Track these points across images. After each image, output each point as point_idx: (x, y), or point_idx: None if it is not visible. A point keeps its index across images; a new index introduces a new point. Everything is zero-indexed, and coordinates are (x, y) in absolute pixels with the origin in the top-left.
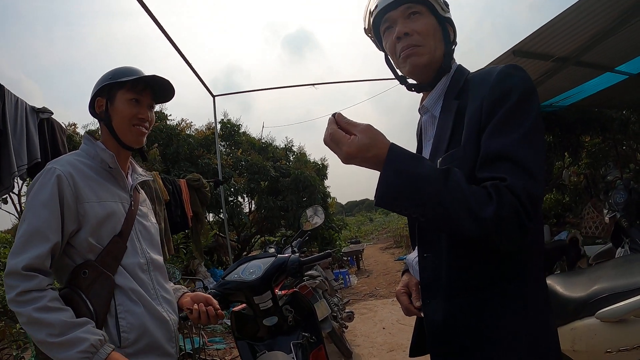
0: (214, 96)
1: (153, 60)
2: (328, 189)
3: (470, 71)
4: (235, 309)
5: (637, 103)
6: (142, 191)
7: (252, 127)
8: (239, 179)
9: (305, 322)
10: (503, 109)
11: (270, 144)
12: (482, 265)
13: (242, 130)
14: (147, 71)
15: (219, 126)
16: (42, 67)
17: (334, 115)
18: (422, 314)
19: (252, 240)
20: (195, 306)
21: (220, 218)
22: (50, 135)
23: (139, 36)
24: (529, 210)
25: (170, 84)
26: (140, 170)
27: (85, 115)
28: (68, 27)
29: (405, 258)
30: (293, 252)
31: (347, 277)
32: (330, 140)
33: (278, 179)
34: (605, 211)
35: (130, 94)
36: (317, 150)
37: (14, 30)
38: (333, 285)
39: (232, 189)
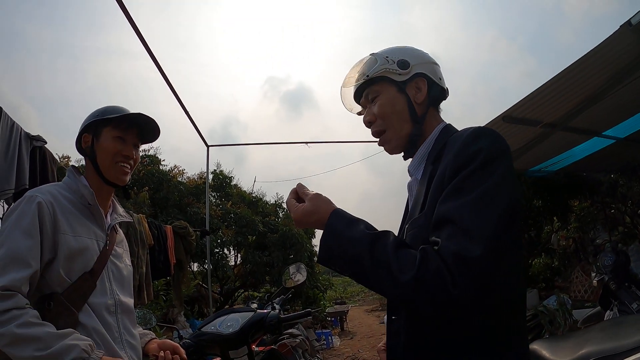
0: (208, 146)
1: (150, 103)
2: (315, 248)
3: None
4: None
5: (625, 166)
6: (120, 232)
7: (245, 179)
8: (226, 231)
9: None
10: (460, 175)
11: (261, 199)
12: (441, 332)
13: (233, 182)
14: (143, 113)
15: (210, 176)
16: (43, 96)
17: (296, 185)
18: None
19: (236, 294)
20: (162, 354)
21: (205, 268)
22: (41, 164)
23: (137, 78)
24: (456, 274)
25: (156, 123)
26: (121, 210)
27: None
28: (72, 60)
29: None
30: (273, 308)
31: (329, 337)
32: (287, 207)
33: (266, 234)
34: (593, 274)
35: (115, 132)
36: None
37: (18, 56)
38: (314, 345)
39: (218, 240)
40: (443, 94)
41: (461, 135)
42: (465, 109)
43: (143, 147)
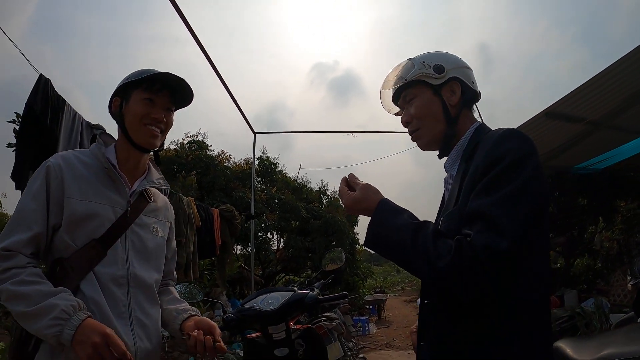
0: (254, 133)
1: (198, 88)
2: (357, 236)
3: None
4: (250, 336)
5: None
6: (158, 199)
7: (290, 165)
8: (270, 215)
9: (315, 358)
10: (491, 174)
11: (305, 186)
12: (469, 318)
13: (278, 168)
14: (172, 73)
15: (256, 162)
16: (93, 82)
17: (348, 175)
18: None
19: (277, 278)
20: (194, 332)
21: (248, 251)
22: None
23: (186, 64)
24: (486, 264)
25: (188, 85)
26: (156, 177)
27: None
28: (121, 48)
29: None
30: (312, 290)
31: (366, 324)
32: (338, 194)
33: (309, 220)
34: (629, 278)
35: (145, 94)
36: None
37: (68, 43)
38: (350, 330)
39: (262, 225)
40: (476, 96)
41: (492, 136)
42: (515, 101)
43: (191, 132)
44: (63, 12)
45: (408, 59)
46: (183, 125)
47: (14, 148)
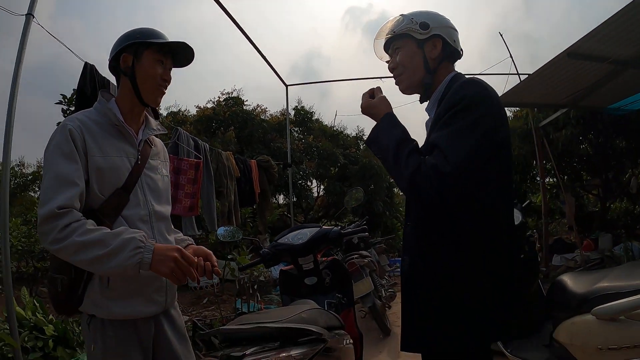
0: (286, 85)
1: (229, 44)
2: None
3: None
4: (284, 268)
5: None
6: (156, 144)
7: (328, 112)
8: (309, 163)
9: (341, 287)
10: (448, 113)
11: (342, 132)
12: (435, 238)
13: (315, 117)
14: (184, 42)
15: (292, 112)
16: None
17: (376, 87)
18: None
19: (319, 224)
20: (195, 259)
21: (289, 199)
22: None
23: (215, 21)
24: (434, 181)
25: (192, 51)
26: (154, 124)
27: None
28: (148, 13)
29: None
30: (336, 226)
31: None
32: (361, 98)
33: (347, 166)
34: None
35: (157, 55)
36: None
37: (94, 15)
38: (386, 269)
39: (301, 173)
40: (457, 54)
41: (457, 84)
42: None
43: (226, 89)
44: None
45: (400, 15)
46: (219, 83)
47: None
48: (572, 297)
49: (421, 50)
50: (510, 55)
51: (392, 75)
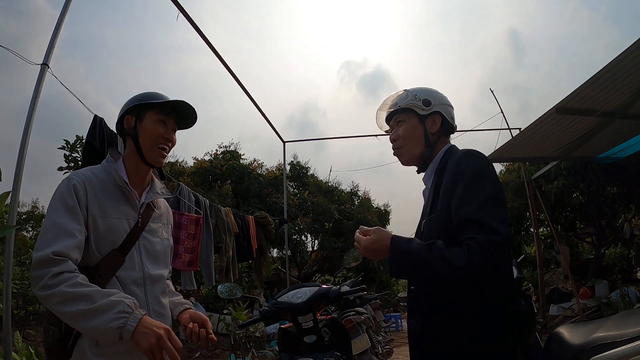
0: (284, 142)
1: (228, 93)
2: None
3: (460, 148)
4: (283, 326)
5: None
6: (160, 207)
7: (323, 167)
8: (304, 218)
9: (339, 344)
10: (459, 187)
11: (336, 188)
12: (446, 295)
13: (310, 172)
14: (184, 100)
15: (288, 168)
16: (126, 94)
17: (359, 228)
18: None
19: (313, 278)
20: (190, 325)
21: (284, 254)
22: None
23: (216, 71)
24: (495, 253)
25: (194, 110)
26: (159, 188)
27: None
28: (152, 59)
29: None
30: (335, 284)
31: (399, 320)
32: (356, 244)
33: (341, 221)
34: (638, 268)
35: (158, 116)
36: (381, 195)
37: (100, 58)
38: (381, 325)
39: (296, 228)
40: (453, 129)
41: (456, 155)
42: (549, 85)
43: (224, 143)
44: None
45: (404, 90)
46: (217, 132)
47: (65, 171)
48: (569, 348)
49: (422, 125)
50: (501, 110)
51: (391, 144)
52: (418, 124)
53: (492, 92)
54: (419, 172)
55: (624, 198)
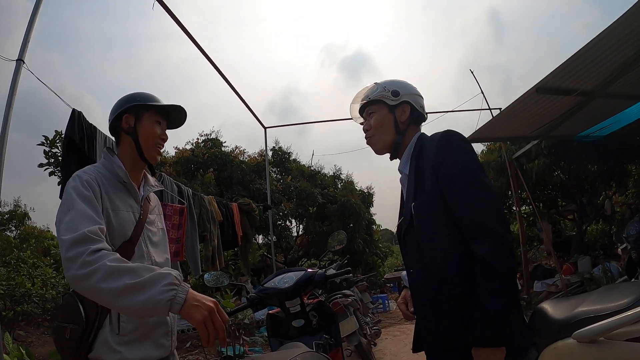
0: (265, 128)
1: (208, 81)
2: (374, 217)
3: (428, 134)
4: (271, 312)
5: None
6: (152, 199)
7: (306, 149)
8: (287, 204)
9: (328, 327)
10: (453, 176)
11: (319, 172)
12: (443, 274)
13: (292, 157)
14: (180, 105)
15: (270, 153)
16: (102, 86)
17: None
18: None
19: (299, 263)
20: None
21: (269, 240)
22: None
23: (194, 58)
24: (507, 253)
25: (186, 113)
26: (152, 181)
27: None
28: (126, 49)
29: (402, 275)
30: (321, 268)
31: (386, 301)
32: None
33: (325, 205)
34: (618, 244)
35: (156, 117)
36: (364, 178)
37: (73, 50)
38: (369, 307)
39: (280, 213)
40: (422, 117)
41: (432, 140)
42: (529, 65)
43: (205, 131)
44: (66, 20)
45: (374, 83)
46: (200, 122)
47: (45, 168)
48: (553, 323)
49: (392, 114)
50: (482, 91)
51: (364, 134)
52: (388, 114)
53: (472, 72)
54: (391, 159)
55: (604, 175)
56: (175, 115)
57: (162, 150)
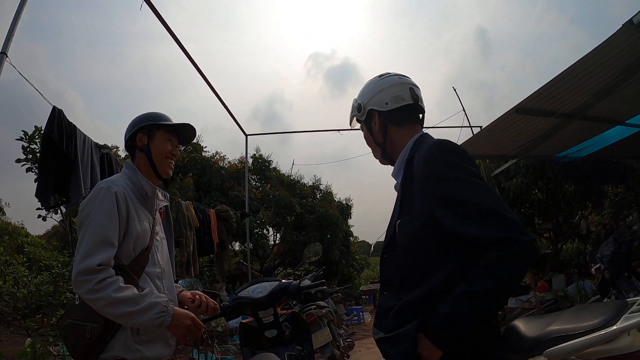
0: (246, 135)
1: (192, 84)
2: (351, 228)
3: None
4: (244, 321)
5: None
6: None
7: (286, 160)
8: (266, 212)
9: (301, 338)
10: (444, 191)
11: (299, 181)
12: (415, 269)
13: (272, 166)
14: (190, 124)
15: (250, 161)
16: (85, 83)
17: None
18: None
19: (275, 272)
20: (197, 296)
21: (246, 247)
22: (108, 167)
23: (177, 60)
24: (516, 248)
25: (195, 131)
26: (160, 195)
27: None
28: (110, 48)
29: None
30: (295, 279)
31: (361, 313)
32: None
33: (303, 215)
34: (591, 265)
35: (167, 135)
36: (344, 188)
37: (57, 45)
38: (343, 318)
39: (258, 221)
40: (400, 112)
41: (424, 150)
42: (515, 84)
43: None
44: (51, 12)
45: (354, 99)
46: None
47: (23, 163)
48: (526, 341)
49: (368, 129)
50: (463, 108)
51: (351, 129)
52: (366, 131)
53: (454, 90)
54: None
55: (580, 196)
56: (185, 133)
57: (172, 165)
